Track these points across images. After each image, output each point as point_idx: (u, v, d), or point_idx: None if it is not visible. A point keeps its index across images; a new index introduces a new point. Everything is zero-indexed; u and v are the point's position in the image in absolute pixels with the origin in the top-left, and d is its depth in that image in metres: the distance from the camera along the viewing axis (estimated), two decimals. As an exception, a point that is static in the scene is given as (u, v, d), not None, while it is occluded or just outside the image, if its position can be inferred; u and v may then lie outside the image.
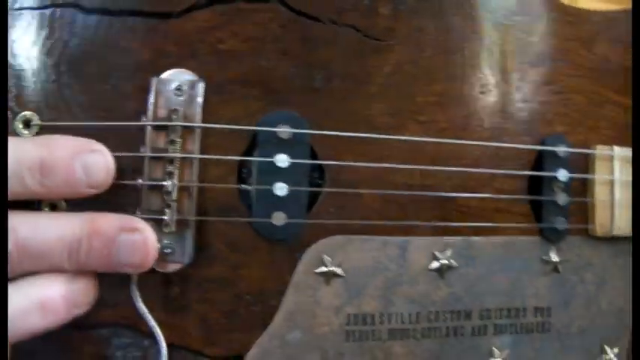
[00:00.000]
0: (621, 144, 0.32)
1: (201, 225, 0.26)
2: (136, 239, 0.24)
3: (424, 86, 0.29)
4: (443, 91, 0.29)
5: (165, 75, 0.26)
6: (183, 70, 0.27)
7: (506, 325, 0.30)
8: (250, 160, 0.27)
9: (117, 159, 0.25)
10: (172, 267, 0.26)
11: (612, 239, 0.32)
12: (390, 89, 0.29)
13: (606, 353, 0.31)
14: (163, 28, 0.27)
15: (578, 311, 0.31)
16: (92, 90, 0.26)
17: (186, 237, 0.26)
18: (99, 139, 0.25)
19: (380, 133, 0.28)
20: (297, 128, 0.27)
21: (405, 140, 0.28)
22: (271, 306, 0.27)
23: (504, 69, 0.30)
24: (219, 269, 0.27)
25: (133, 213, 0.25)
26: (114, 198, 0.25)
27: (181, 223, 0.26)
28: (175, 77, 0.26)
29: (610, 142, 0.32)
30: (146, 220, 0.25)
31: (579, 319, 0.31)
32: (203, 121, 0.26)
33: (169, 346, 0.26)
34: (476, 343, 0.29)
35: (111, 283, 0.26)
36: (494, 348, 0.30)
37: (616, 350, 0.32)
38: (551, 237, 0.30)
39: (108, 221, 0.24)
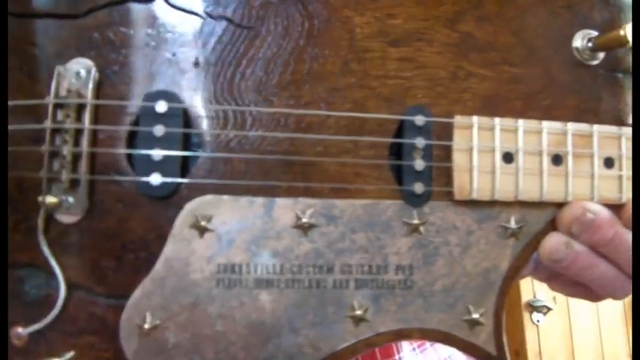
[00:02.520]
0: (485, 114, 0.34)
1: (95, 184, 0.32)
2: None
3: (291, 65, 0.33)
4: (308, 69, 0.33)
5: (68, 64, 0.32)
6: (84, 59, 0.33)
7: (367, 280, 0.33)
8: (137, 130, 0.32)
9: (26, 131, 0.31)
10: (70, 219, 0.32)
11: (477, 205, 0.33)
12: (259, 70, 0.33)
13: (470, 313, 0.33)
14: (70, 26, 0.33)
15: (442, 271, 0.33)
16: (14, 79, 0.33)
17: (80, 194, 0.32)
18: (15, 118, 0.31)
19: (248, 106, 0.33)
20: (172, 103, 0.32)
21: (267, 112, 0.33)
22: (154, 254, 0.32)
23: (366, 49, 0.34)
24: (109, 221, 0.32)
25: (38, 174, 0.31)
26: (25, 163, 0.32)
27: (75, 182, 0.31)
28: (75, 65, 0.32)
29: (474, 112, 0.34)
30: (48, 180, 0.31)
31: (443, 278, 0.33)
32: (99, 99, 0.32)
33: (69, 285, 0.32)
34: (337, 295, 0.32)
35: (27, 230, 0.32)
36: (355, 301, 0.32)
37: (481, 310, 0.33)
38: (412, 200, 0.33)
39: None
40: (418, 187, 0.33)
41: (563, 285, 0.39)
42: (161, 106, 0.32)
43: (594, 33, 0.36)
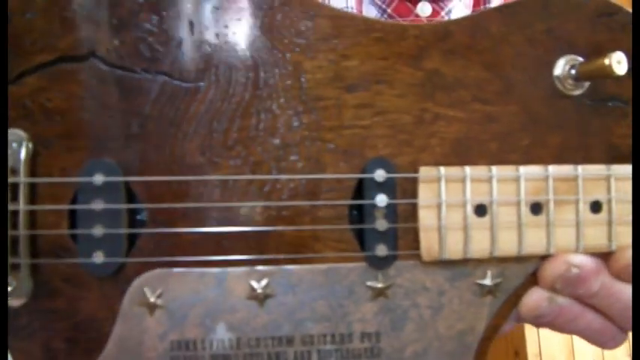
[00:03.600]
0: (456, 160, 0.30)
1: (39, 265, 0.30)
2: None
3: (237, 121, 0.30)
4: (256, 125, 0.30)
5: (0, 136, 0.30)
6: (16, 130, 0.30)
7: (331, 350, 0.30)
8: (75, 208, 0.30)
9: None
10: (16, 302, 0.30)
11: (449, 263, 0.31)
12: (202, 128, 0.30)
13: (446, 378, 0.31)
14: (0, 95, 0.31)
15: (412, 336, 0.31)
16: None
17: (22, 277, 0.30)
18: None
19: (193, 171, 0.30)
20: (111, 175, 0.30)
21: (213, 179, 0.30)
22: (105, 333, 0.30)
23: (320, 97, 0.30)
24: (58, 302, 0.31)
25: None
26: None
27: (16, 266, 0.30)
28: (8, 137, 0.30)
29: (443, 159, 0.31)
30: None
31: (413, 343, 0.31)
32: (37, 174, 0.30)
33: (21, 368, 0.31)
34: (300, 367, 0.30)
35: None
36: None
37: (459, 374, 0.31)
38: (375, 263, 0.30)
39: None
40: (381, 250, 0.30)
41: (551, 328, 0.36)
42: (98, 179, 0.30)
43: (579, 59, 0.31)
